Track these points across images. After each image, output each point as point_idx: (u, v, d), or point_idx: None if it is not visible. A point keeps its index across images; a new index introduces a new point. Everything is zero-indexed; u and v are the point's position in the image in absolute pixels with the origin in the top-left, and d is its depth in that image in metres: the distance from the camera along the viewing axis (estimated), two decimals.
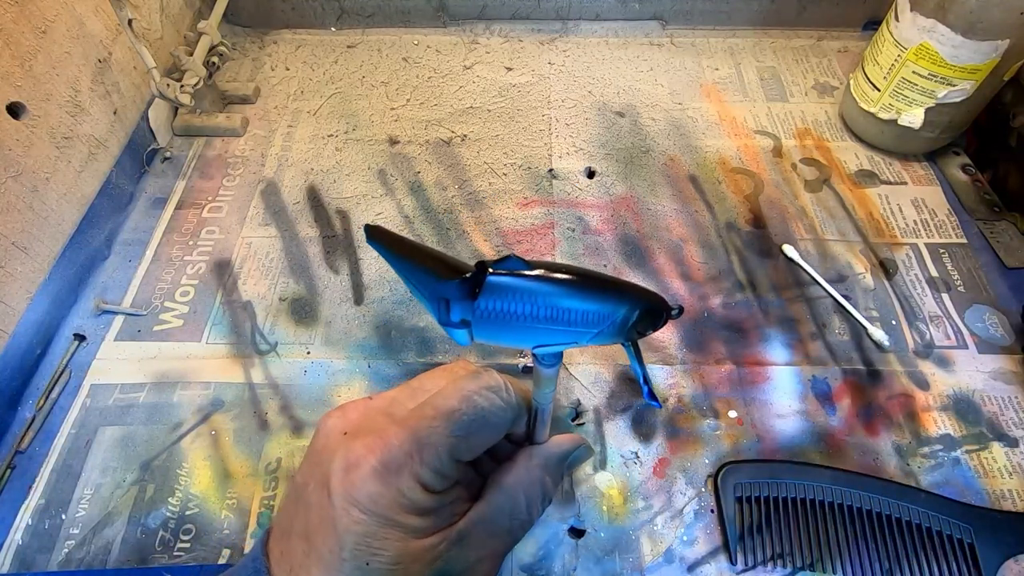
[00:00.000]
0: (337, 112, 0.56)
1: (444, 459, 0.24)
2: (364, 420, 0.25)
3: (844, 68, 0.59)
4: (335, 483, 0.23)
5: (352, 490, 0.23)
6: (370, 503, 0.22)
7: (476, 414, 0.25)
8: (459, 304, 0.19)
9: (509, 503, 0.26)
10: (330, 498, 0.23)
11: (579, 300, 0.20)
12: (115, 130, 0.49)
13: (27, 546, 0.34)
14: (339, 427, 0.25)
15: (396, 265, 0.19)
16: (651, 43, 0.62)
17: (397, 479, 0.23)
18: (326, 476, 0.23)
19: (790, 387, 0.39)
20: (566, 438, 0.30)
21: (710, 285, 0.44)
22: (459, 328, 0.20)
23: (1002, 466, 0.36)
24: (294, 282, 0.45)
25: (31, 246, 0.41)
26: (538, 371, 0.24)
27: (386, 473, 0.23)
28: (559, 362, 0.24)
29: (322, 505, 0.23)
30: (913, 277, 0.44)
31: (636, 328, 0.21)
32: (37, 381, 0.40)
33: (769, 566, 0.33)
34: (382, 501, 0.23)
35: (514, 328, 0.20)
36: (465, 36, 0.63)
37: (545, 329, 0.20)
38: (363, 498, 0.22)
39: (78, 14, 0.45)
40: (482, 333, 0.20)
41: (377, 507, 0.22)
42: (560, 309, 0.20)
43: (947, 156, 0.52)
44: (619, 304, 0.20)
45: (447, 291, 0.19)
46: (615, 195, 0.50)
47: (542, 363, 0.24)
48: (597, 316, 0.20)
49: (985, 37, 0.41)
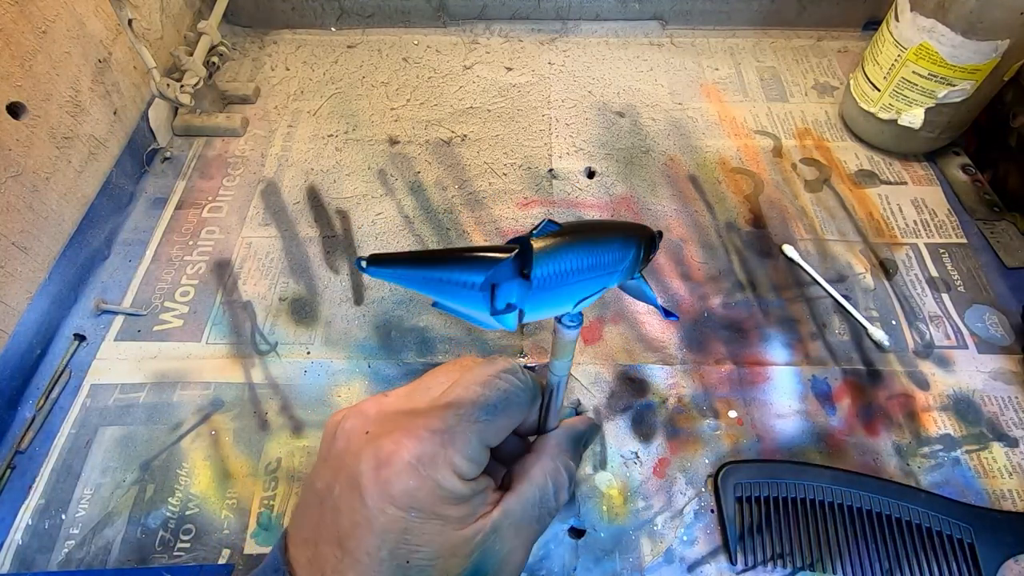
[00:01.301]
0: (337, 112, 0.56)
1: (475, 444, 0.24)
2: (385, 418, 0.25)
3: (844, 68, 0.59)
4: (367, 483, 0.22)
5: (387, 487, 0.22)
6: (407, 499, 0.22)
7: (501, 395, 0.25)
8: (507, 285, 0.19)
9: (538, 491, 0.26)
10: (362, 498, 0.22)
11: (610, 239, 0.21)
12: (115, 130, 0.49)
13: (27, 546, 0.34)
14: (360, 427, 0.24)
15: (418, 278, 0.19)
16: (651, 43, 0.62)
17: (432, 470, 0.23)
18: (354, 477, 0.23)
19: (790, 387, 0.39)
20: (576, 420, 0.30)
21: (710, 285, 0.44)
22: (508, 312, 0.20)
23: (1002, 466, 0.36)
24: (294, 282, 0.45)
25: (31, 246, 0.41)
26: (560, 338, 0.24)
27: (420, 466, 0.22)
28: (581, 323, 0.24)
29: (353, 508, 0.23)
30: (913, 277, 0.44)
31: (646, 256, 0.23)
32: (37, 381, 0.40)
33: (769, 566, 0.33)
34: (419, 495, 0.22)
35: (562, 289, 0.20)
36: (465, 36, 0.63)
37: (587, 279, 0.21)
38: (399, 494, 0.22)
39: (78, 14, 0.45)
40: (534, 305, 0.20)
41: (415, 502, 0.22)
42: (599, 253, 0.21)
43: (947, 156, 0.52)
44: (633, 235, 0.22)
45: (497, 275, 0.19)
46: (615, 195, 0.50)
47: (567, 325, 0.24)
48: (622, 251, 0.21)
49: (985, 37, 0.41)
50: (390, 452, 0.23)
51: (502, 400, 0.25)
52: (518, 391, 0.26)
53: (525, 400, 0.26)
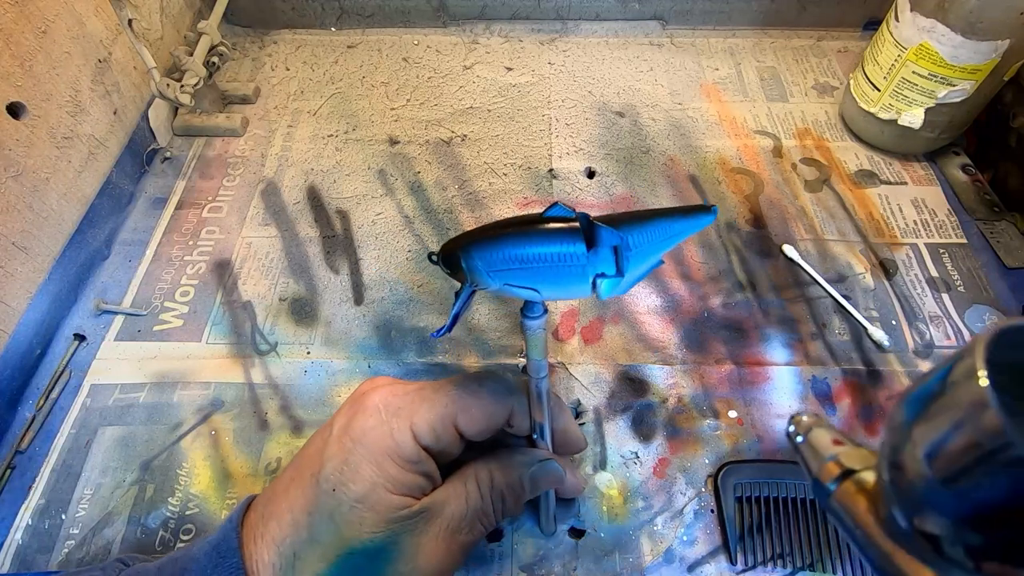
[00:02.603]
0: (337, 112, 0.56)
1: (440, 414, 0.25)
2: (386, 381, 0.28)
3: (844, 68, 0.59)
4: (337, 421, 0.26)
5: (351, 422, 0.25)
6: (359, 432, 0.25)
7: (474, 377, 0.27)
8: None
9: (461, 487, 0.27)
10: (330, 432, 0.25)
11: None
12: (115, 130, 0.49)
13: (27, 546, 0.34)
14: (362, 388, 0.27)
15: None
16: (651, 43, 0.62)
17: (392, 419, 0.25)
18: (332, 419, 0.26)
19: (790, 387, 0.39)
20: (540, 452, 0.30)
21: (710, 285, 0.44)
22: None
23: None
24: (294, 282, 0.45)
25: (31, 246, 0.41)
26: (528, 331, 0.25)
27: (383, 411, 0.25)
28: (544, 313, 0.25)
29: (319, 441, 0.26)
30: (913, 277, 0.44)
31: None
32: (37, 381, 0.40)
33: (769, 566, 0.33)
34: (371, 435, 0.25)
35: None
36: (465, 36, 0.63)
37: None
38: (356, 428, 0.25)
39: (78, 14, 0.45)
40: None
41: (365, 439, 0.24)
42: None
43: (947, 156, 0.52)
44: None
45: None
46: (615, 195, 0.50)
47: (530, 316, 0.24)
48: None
49: (985, 37, 0.41)
50: (367, 398, 0.26)
51: (475, 381, 0.27)
52: (495, 383, 0.27)
53: (500, 390, 0.27)
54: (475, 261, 0.21)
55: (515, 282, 0.21)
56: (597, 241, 0.20)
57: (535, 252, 0.20)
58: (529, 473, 0.29)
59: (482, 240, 0.21)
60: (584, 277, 0.20)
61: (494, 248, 0.20)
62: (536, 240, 0.20)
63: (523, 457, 0.29)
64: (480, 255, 0.21)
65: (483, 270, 0.21)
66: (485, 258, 0.21)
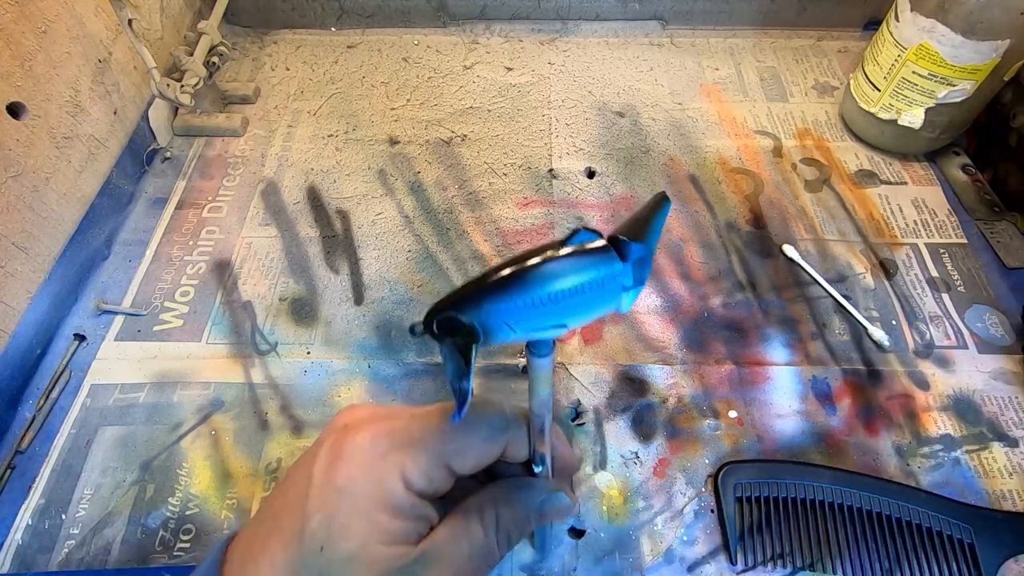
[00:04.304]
0: (337, 112, 0.56)
1: (432, 456, 0.23)
2: (367, 414, 0.25)
3: (844, 68, 0.59)
4: (317, 467, 0.23)
5: (334, 469, 0.22)
6: (346, 482, 0.22)
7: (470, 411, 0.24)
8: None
9: (462, 527, 0.24)
10: (310, 479, 0.23)
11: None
12: (115, 130, 0.49)
13: (27, 546, 0.34)
14: (341, 421, 0.25)
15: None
16: (651, 43, 0.62)
17: (380, 466, 0.22)
18: (312, 461, 0.23)
19: (790, 387, 0.39)
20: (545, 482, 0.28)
21: (710, 285, 0.44)
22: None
23: (1002, 466, 0.36)
24: (294, 282, 0.45)
25: (31, 246, 0.41)
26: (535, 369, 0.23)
27: (371, 458, 0.22)
28: (552, 351, 0.22)
29: (300, 487, 0.23)
30: (913, 277, 0.44)
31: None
32: (37, 381, 0.40)
33: (769, 566, 0.33)
34: (359, 485, 0.22)
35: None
36: (465, 36, 0.63)
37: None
38: (341, 478, 0.22)
39: (78, 14, 0.45)
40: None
41: (353, 491, 0.22)
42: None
43: (947, 156, 0.52)
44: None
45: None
46: (615, 195, 0.50)
47: (538, 355, 0.22)
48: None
49: (985, 37, 0.41)
50: (348, 440, 0.23)
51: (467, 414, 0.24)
52: (488, 414, 0.25)
53: (496, 424, 0.25)
54: (488, 316, 0.18)
55: (543, 323, 0.19)
56: (628, 256, 0.18)
57: (571, 285, 0.18)
58: (538, 508, 0.27)
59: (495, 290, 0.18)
60: (617, 296, 0.19)
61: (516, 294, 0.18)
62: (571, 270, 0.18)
63: (530, 491, 0.27)
64: (495, 308, 0.18)
65: (500, 323, 0.18)
66: (503, 309, 0.18)
